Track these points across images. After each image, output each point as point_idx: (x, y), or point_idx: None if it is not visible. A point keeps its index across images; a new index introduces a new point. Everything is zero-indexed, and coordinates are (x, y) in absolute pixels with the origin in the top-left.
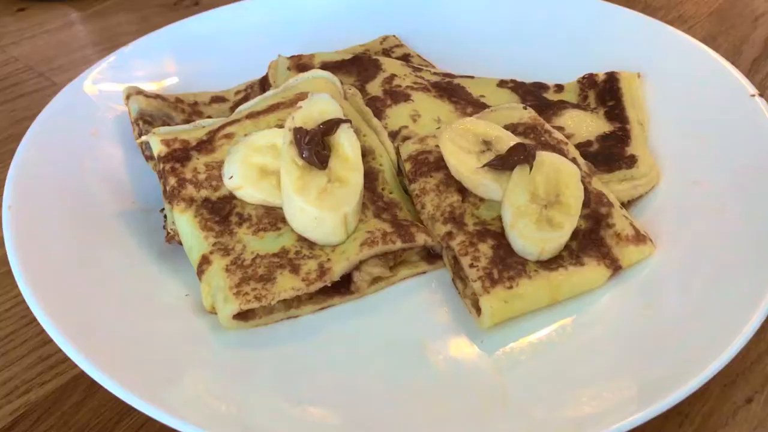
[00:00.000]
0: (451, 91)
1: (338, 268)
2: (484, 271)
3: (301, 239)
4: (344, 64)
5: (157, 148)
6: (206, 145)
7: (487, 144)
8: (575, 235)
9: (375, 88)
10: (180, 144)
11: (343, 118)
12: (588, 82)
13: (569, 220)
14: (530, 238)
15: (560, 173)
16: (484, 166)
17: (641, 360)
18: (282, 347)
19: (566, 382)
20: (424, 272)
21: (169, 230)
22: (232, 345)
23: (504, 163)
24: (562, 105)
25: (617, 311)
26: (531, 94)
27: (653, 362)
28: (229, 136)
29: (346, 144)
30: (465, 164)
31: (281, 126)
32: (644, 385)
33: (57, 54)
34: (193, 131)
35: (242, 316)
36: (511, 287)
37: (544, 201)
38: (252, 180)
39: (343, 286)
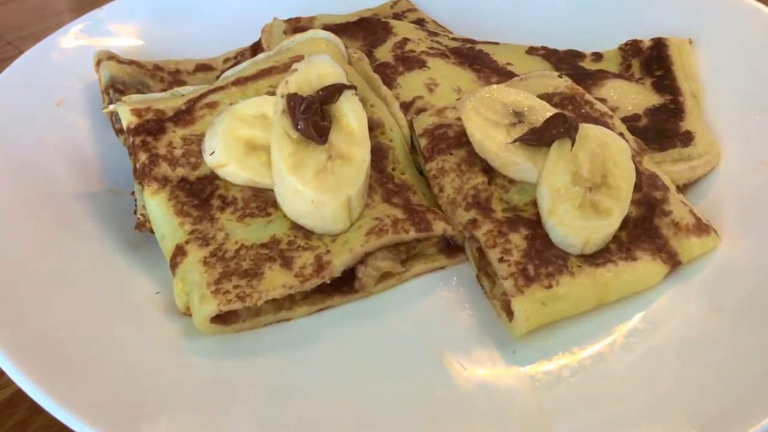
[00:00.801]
0: (473, 57)
1: (339, 262)
2: (517, 267)
3: (296, 227)
4: (349, 26)
5: (127, 119)
6: (184, 115)
7: (518, 115)
8: (625, 224)
9: (385, 53)
10: (153, 114)
11: (347, 83)
12: (632, 49)
13: (619, 205)
14: (572, 226)
15: (607, 149)
16: (515, 141)
17: (711, 381)
18: (270, 358)
19: (619, 407)
20: (443, 268)
21: (139, 216)
22: (210, 354)
23: (540, 137)
24: (603, 75)
25: (679, 317)
26: (565, 62)
27: (726, 384)
28: (211, 106)
29: (350, 114)
30: (492, 139)
31: (273, 93)
32: (715, 417)
33: (29, 21)
34: (169, 100)
35: (222, 318)
36: (550, 286)
37: (589, 183)
38: (237, 156)
39: (346, 284)
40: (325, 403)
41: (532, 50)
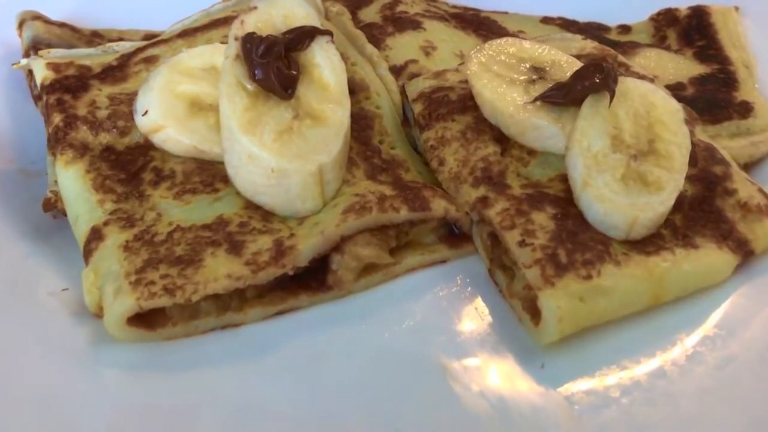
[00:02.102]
0: (478, 23)
1: (306, 247)
2: (544, 252)
3: (251, 207)
4: None
5: (42, 74)
6: (115, 72)
7: (538, 71)
8: (679, 205)
9: (370, 14)
10: (76, 70)
11: (321, 28)
12: (665, 19)
13: (672, 177)
14: (615, 202)
15: (654, 109)
16: (536, 100)
17: None
18: (211, 376)
19: None
20: (445, 261)
21: (49, 193)
22: (128, 368)
23: (567, 92)
24: (634, 44)
25: (761, 320)
26: (587, 33)
27: None
28: (150, 60)
29: (323, 65)
30: (506, 98)
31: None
32: None
33: None
34: (99, 56)
35: (145, 320)
36: (589, 276)
37: (633, 149)
38: (178, 117)
39: (315, 279)
40: None
41: (547, 20)
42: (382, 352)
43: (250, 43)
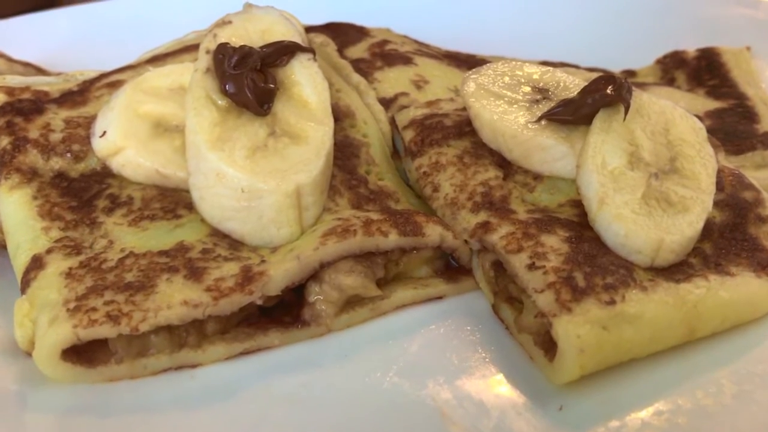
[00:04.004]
0: (473, 63)
1: (279, 273)
2: (558, 275)
3: (216, 234)
4: (314, 28)
5: None
6: (75, 96)
7: (543, 92)
8: (707, 232)
9: (359, 52)
10: (32, 95)
11: (302, 45)
12: (673, 61)
13: (699, 197)
14: (637, 222)
15: (674, 126)
16: (541, 118)
17: None
18: (161, 424)
19: None
20: (441, 297)
21: None
22: (64, 412)
23: (577, 109)
24: (642, 84)
25: None
26: None
27: None
28: (114, 85)
29: (304, 83)
30: (509, 119)
31: None
32: None
33: None
34: (60, 84)
35: (84, 356)
36: (612, 302)
37: (653, 167)
38: (139, 137)
39: (289, 314)
40: None
41: (547, 64)
42: (367, 398)
43: (223, 54)
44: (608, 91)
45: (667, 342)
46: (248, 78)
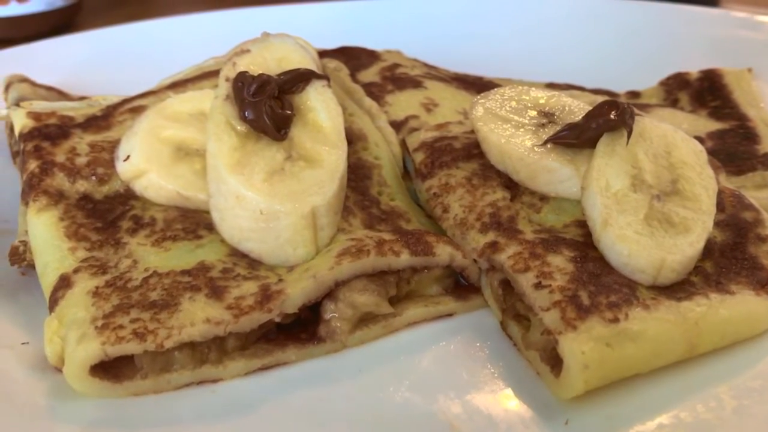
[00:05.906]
0: (481, 86)
1: (296, 292)
2: (564, 294)
3: (236, 254)
4: (327, 53)
5: (21, 123)
6: (99, 121)
7: (548, 116)
8: (708, 252)
9: (369, 75)
10: (57, 120)
11: (317, 72)
12: (677, 82)
13: (700, 218)
14: (639, 243)
15: (676, 149)
16: (547, 141)
17: None
18: None
19: None
20: (451, 315)
21: (17, 242)
22: (90, 426)
23: (582, 132)
24: (646, 105)
25: None
26: None
27: None
28: (137, 110)
29: (319, 108)
30: (516, 142)
31: None
32: None
33: None
34: (84, 109)
35: (111, 372)
36: (616, 320)
37: (655, 189)
38: (161, 161)
39: (305, 330)
40: None
41: (553, 86)
42: (380, 412)
43: (242, 82)
44: (612, 116)
45: (669, 358)
46: (266, 105)
